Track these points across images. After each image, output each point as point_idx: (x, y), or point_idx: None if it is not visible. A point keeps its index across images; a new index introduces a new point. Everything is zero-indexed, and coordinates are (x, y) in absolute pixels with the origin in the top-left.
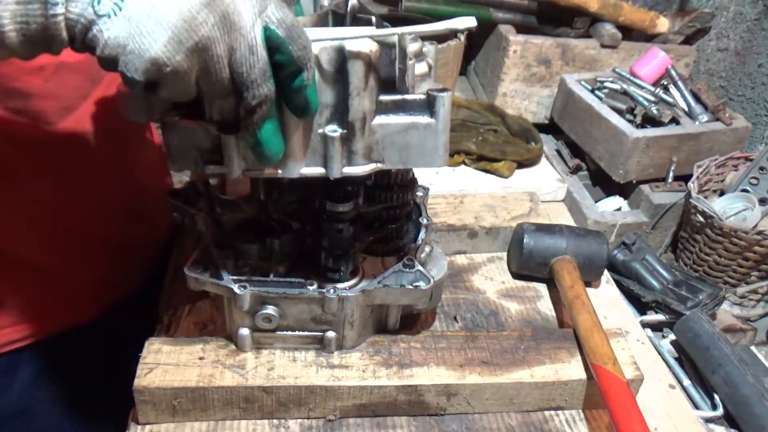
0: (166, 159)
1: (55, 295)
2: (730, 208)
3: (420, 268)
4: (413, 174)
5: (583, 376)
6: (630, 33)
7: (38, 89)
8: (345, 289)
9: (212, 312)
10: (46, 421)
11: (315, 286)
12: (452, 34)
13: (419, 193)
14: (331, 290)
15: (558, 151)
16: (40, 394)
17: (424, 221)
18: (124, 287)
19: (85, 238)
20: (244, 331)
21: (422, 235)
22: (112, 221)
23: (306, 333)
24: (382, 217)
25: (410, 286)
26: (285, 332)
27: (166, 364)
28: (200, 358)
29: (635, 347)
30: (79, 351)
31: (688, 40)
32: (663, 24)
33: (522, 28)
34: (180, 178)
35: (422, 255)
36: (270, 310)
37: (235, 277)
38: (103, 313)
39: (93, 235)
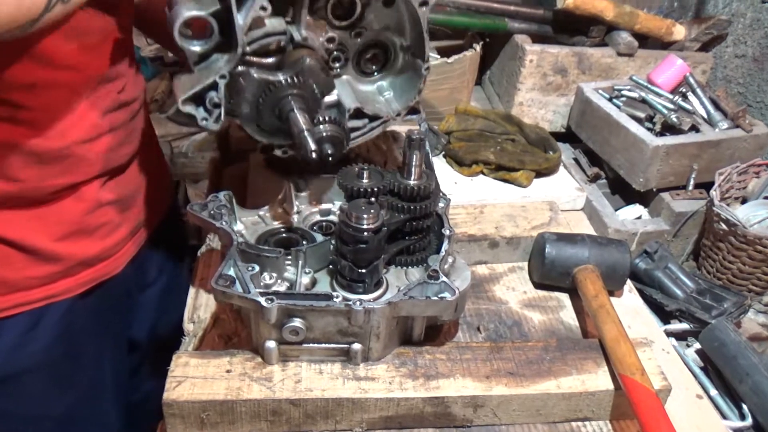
0: None
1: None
2: (753, 216)
3: (445, 279)
4: (436, 185)
5: (611, 386)
6: (646, 41)
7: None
8: (371, 301)
9: (236, 325)
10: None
11: (341, 299)
12: (468, 44)
13: (441, 204)
14: (358, 302)
15: (576, 160)
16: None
17: (447, 232)
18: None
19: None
20: (271, 344)
21: (445, 245)
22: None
23: (332, 345)
24: (405, 229)
25: (436, 298)
26: (311, 345)
27: (194, 377)
28: (227, 371)
29: (660, 357)
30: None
31: (705, 47)
32: (679, 31)
33: (537, 38)
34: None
35: (446, 266)
36: (297, 322)
37: (261, 291)
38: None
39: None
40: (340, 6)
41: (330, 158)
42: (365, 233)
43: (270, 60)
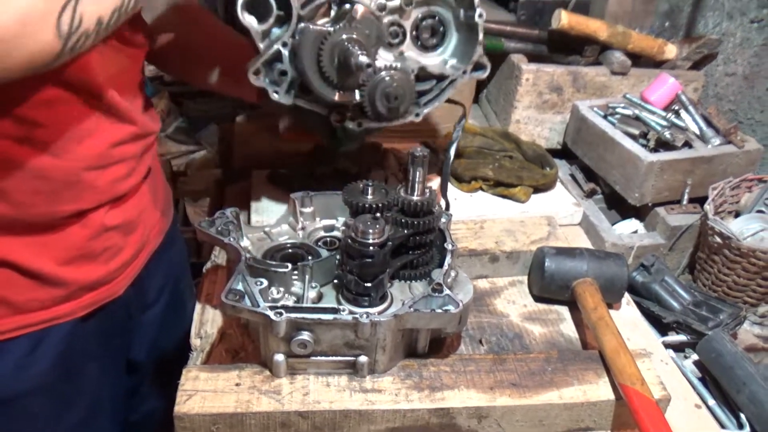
0: None
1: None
2: (747, 229)
3: (449, 292)
4: (438, 201)
5: (612, 396)
6: (639, 60)
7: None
8: (377, 314)
9: (243, 340)
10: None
11: (347, 312)
12: None
13: (443, 219)
14: (364, 315)
15: (572, 176)
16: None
17: (450, 246)
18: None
19: None
20: (279, 357)
21: (448, 259)
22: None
23: (339, 358)
24: (409, 244)
25: (440, 310)
26: (319, 357)
27: (204, 390)
28: (237, 385)
29: (659, 368)
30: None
31: (696, 66)
32: (671, 50)
33: (533, 57)
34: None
35: (449, 280)
36: (305, 335)
37: (270, 305)
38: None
39: None
40: None
41: (398, 105)
42: (371, 248)
43: (325, 20)
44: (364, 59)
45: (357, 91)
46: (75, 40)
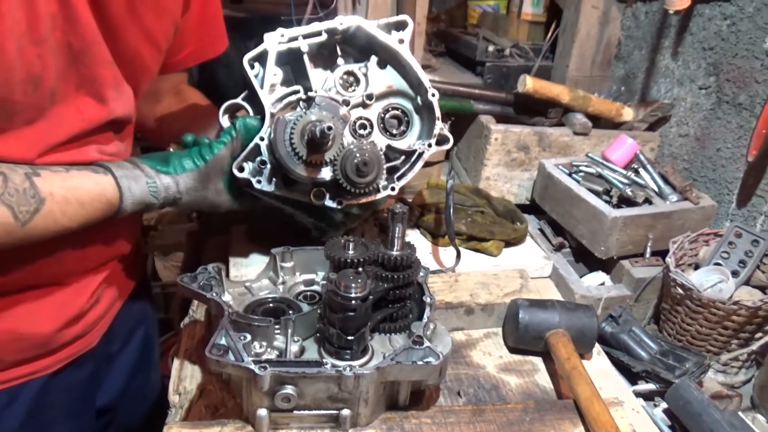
0: None
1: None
2: (706, 281)
3: (429, 344)
4: (416, 256)
5: None
6: (599, 121)
7: None
8: (359, 366)
9: (223, 395)
10: None
11: (330, 365)
12: None
13: (421, 274)
14: (348, 368)
15: (541, 230)
16: None
17: (428, 299)
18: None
19: None
20: (263, 412)
21: (428, 312)
22: None
23: (322, 412)
24: (389, 297)
25: (421, 362)
26: (302, 412)
27: None
28: None
29: (631, 416)
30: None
31: (652, 127)
32: (628, 113)
33: (501, 118)
34: None
35: (428, 332)
36: (289, 389)
37: (254, 359)
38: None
39: None
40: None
41: (369, 171)
42: (353, 301)
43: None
44: (326, 124)
45: (329, 167)
46: None
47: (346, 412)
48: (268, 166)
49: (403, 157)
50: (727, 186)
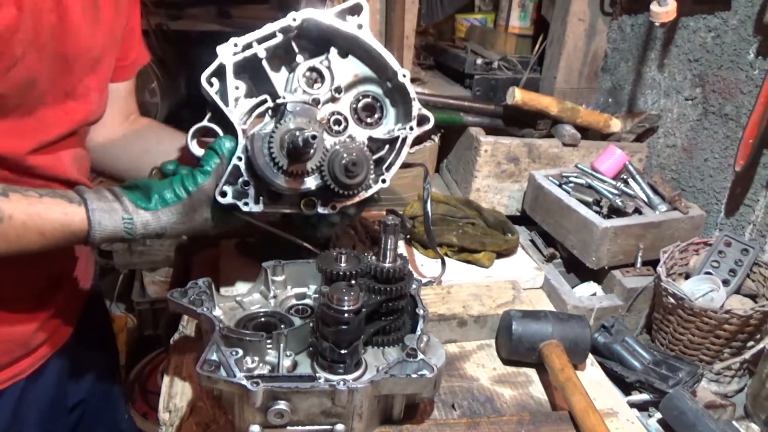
0: None
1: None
2: (697, 290)
3: (423, 357)
4: (409, 268)
5: None
6: (587, 132)
7: None
8: (353, 380)
9: (214, 412)
10: None
11: (323, 380)
12: (426, 136)
13: (414, 286)
14: (341, 382)
15: (532, 241)
16: None
17: (421, 312)
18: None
19: None
20: (255, 429)
21: (421, 325)
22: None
23: (316, 427)
24: (381, 310)
25: (415, 375)
26: (295, 427)
27: None
28: None
29: (626, 427)
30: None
31: (640, 138)
32: (616, 124)
33: (490, 130)
34: None
35: (422, 345)
36: (282, 405)
37: (246, 374)
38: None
39: None
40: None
41: (359, 172)
42: (346, 314)
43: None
44: (309, 133)
45: (316, 175)
46: None
47: (340, 427)
48: (252, 186)
49: (387, 146)
50: (715, 195)
